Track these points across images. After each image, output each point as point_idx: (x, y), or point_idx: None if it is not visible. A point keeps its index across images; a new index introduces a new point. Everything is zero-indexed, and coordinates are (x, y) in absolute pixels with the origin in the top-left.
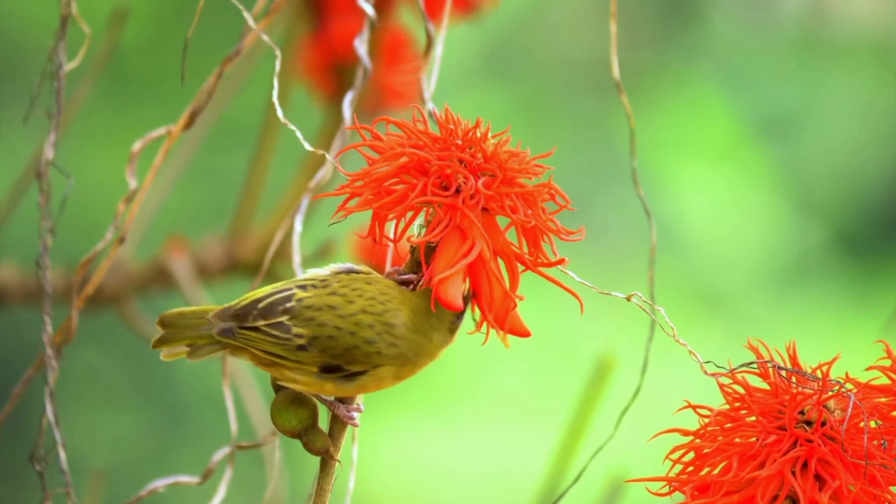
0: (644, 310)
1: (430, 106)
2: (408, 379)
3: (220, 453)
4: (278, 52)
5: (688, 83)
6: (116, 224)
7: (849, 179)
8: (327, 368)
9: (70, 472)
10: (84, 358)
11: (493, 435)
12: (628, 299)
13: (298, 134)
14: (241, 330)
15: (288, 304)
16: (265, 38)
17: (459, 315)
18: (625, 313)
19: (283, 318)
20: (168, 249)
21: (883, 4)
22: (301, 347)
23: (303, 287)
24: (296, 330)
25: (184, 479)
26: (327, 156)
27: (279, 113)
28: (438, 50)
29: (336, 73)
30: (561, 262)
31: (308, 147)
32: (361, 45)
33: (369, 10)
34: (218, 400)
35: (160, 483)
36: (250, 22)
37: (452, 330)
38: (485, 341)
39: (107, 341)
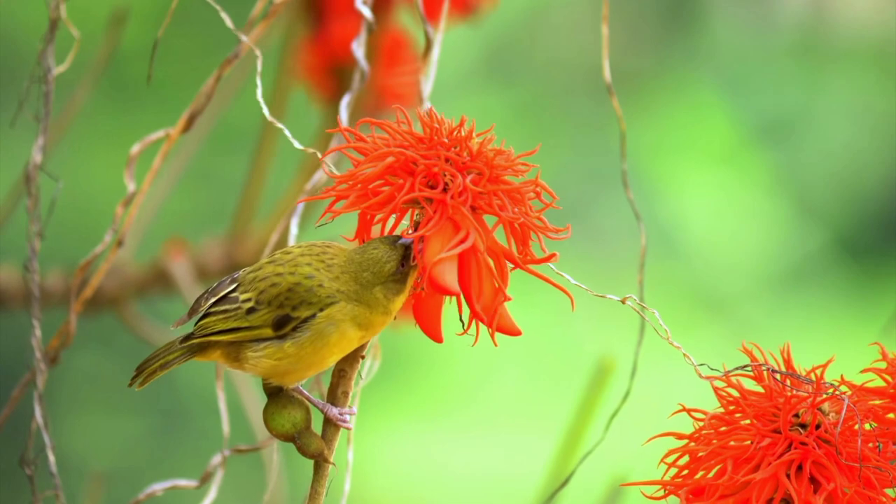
0: (638, 312)
1: (427, 107)
2: (374, 336)
3: (218, 457)
4: (258, 53)
5: (688, 88)
6: (115, 227)
7: (848, 183)
8: (279, 323)
9: (69, 475)
10: (83, 361)
11: (492, 439)
12: (623, 301)
13: (287, 132)
14: (198, 323)
15: (235, 275)
16: (244, 38)
17: (399, 268)
18: (624, 317)
19: (230, 290)
20: (168, 252)
21: (882, 9)
22: (251, 310)
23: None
24: (243, 297)
25: (182, 482)
26: (318, 155)
27: (265, 111)
28: (436, 52)
29: (335, 75)
30: (551, 257)
31: (297, 145)
32: (359, 48)
33: (367, 13)
34: (217, 403)
35: (158, 487)
36: (229, 23)
37: (398, 281)
38: (475, 342)
39: (106, 344)
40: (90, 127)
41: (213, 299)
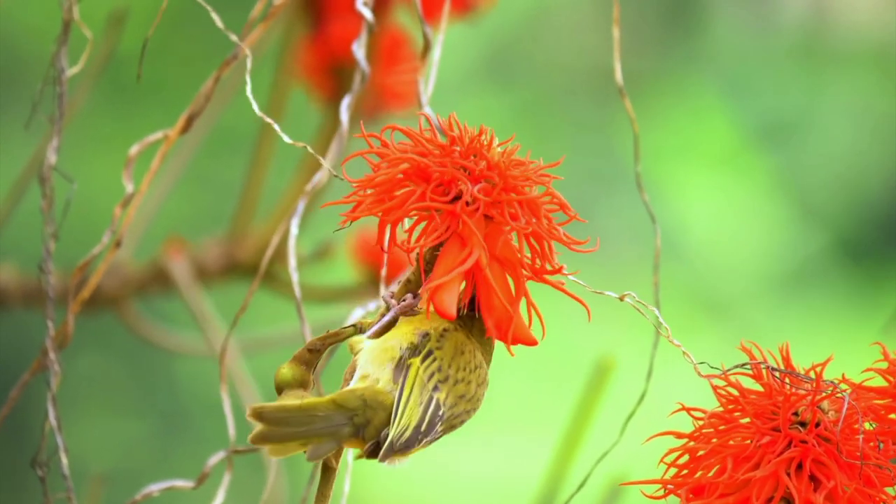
0: (638, 310)
1: (427, 110)
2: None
3: (216, 457)
4: (248, 53)
5: (689, 90)
6: (113, 228)
7: (850, 186)
8: None
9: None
10: (82, 361)
11: (493, 440)
12: (621, 299)
13: (283, 134)
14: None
15: (440, 413)
16: (234, 38)
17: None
18: (625, 319)
19: (439, 428)
20: (167, 251)
21: (883, 11)
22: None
23: (436, 388)
24: (440, 431)
25: (179, 483)
26: (320, 159)
27: (255, 108)
28: (437, 52)
29: (334, 75)
30: (559, 270)
31: (287, 140)
32: (359, 50)
33: (368, 14)
34: (218, 405)
35: (155, 487)
36: (219, 24)
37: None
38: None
39: (105, 344)
40: (88, 129)
41: (425, 440)
